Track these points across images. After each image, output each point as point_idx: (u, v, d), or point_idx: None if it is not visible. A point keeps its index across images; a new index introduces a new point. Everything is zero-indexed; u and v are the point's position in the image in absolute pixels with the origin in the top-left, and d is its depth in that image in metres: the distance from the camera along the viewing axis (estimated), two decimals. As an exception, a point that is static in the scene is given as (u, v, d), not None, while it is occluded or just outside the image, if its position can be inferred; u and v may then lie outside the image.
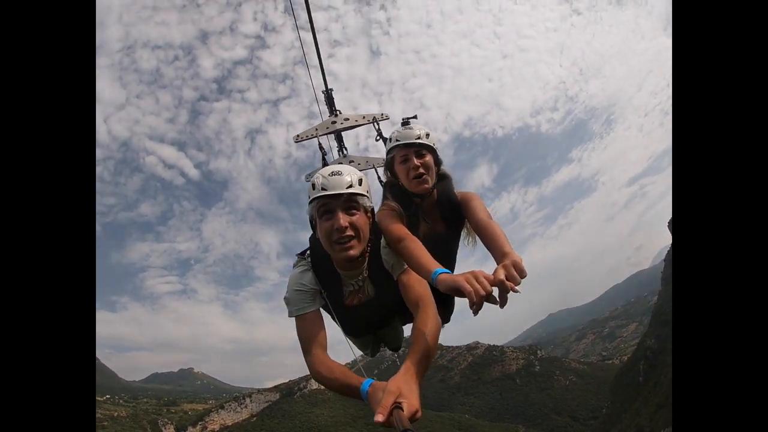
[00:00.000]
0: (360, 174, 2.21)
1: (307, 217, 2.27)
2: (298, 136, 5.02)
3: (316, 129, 5.02)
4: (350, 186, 2.10)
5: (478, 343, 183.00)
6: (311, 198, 2.14)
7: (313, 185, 2.13)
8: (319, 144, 4.87)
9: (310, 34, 4.86)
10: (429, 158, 2.74)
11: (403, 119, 2.98)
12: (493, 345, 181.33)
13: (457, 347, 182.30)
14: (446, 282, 1.79)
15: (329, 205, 2.09)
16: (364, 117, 4.96)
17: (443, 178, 2.86)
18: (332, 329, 2.42)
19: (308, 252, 2.41)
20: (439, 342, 3.15)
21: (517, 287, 1.68)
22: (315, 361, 2.10)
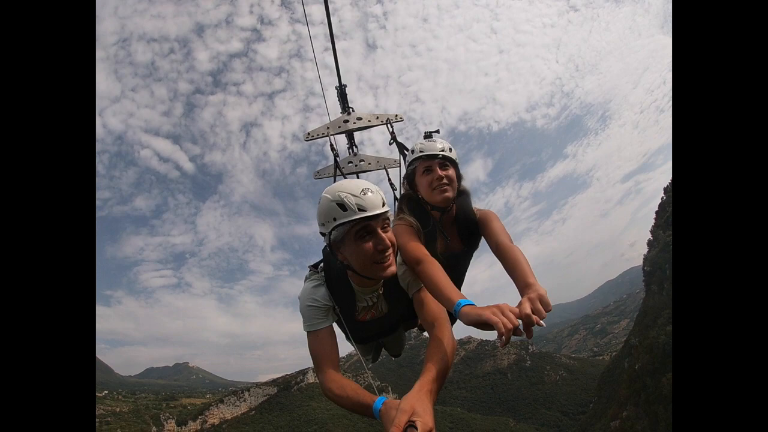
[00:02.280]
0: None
1: (324, 231, 2.12)
2: (309, 134, 4.87)
3: (328, 128, 4.83)
4: (383, 203, 2.05)
5: (471, 337, 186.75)
6: (344, 220, 1.99)
7: (343, 205, 1.98)
8: (331, 145, 4.53)
9: (307, 28, 4.90)
10: (452, 171, 2.72)
11: (425, 132, 2.94)
12: (486, 340, 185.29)
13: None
14: (470, 316, 1.75)
15: (369, 227, 2.01)
16: (377, 117, 4.78)
17: (462, 194, 2.82)
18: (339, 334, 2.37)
19: (321, 265, 2.37)
20: (421, 333, 3.28)
21: (542, 321, 1.70)
22: (327, 378, 2.07)
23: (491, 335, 1.64)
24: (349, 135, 5.22)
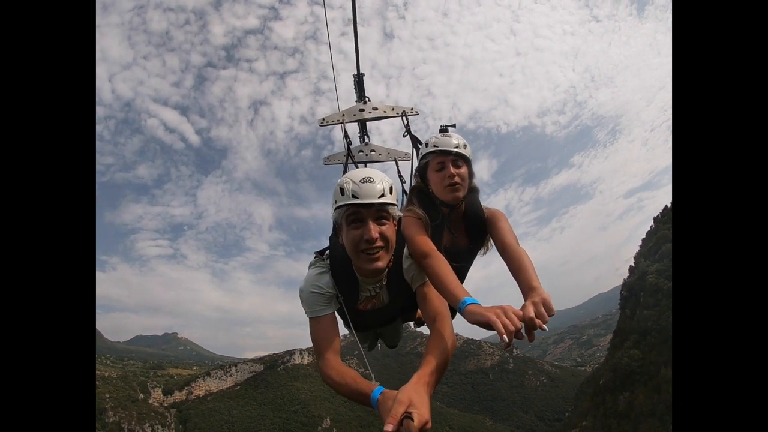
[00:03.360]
0: (390, 181, 2.12)
1: (331, 218, 2.21)
2: (323, 119, 4.84)
3: (343, 115, 4.80)
4: (382, 195, 2.02)
5: (457, 334, 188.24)
6: (339, 204, 2.06)
7: (342, 190, 2.05)
8: (344, 132, 4.51)
9: (327, 9, 4.78)
10: (465, 169, 2.71)
11: (441, 126, 2.91)
12: (471, 339, 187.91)
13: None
14: (474, 315, 1.77)
15: (359, 214, 2.02)
16: (393, 109, 4.75)
17: (472, 191, 2.81)
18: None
19: (327, 252, 2.37)
20: (419, 329, 3.56)
21: (544, 325, 1.71)
22: (327, 365, 2.07)
23: (477, 334, 1.97)
24: (362, 124, 5.18)
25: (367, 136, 5.30)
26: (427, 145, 2.83)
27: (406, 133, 4.22)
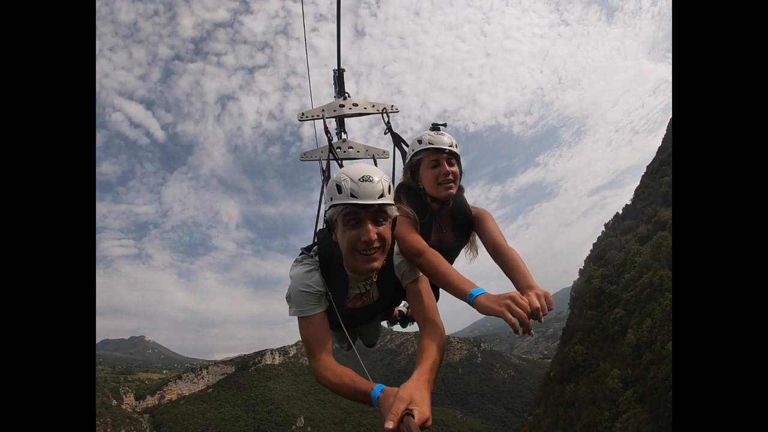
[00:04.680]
0: (389, 179, 2.05)
1: (323, 214, 2.14)
2: (303, 114, 4.72)
3: (323, 110, 4.68)
4: (381, 195, 1.96)
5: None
6: (336, 202, 1.97)
7: (338, 187, 1.96)
8: (325, 127, 4.37)
9: (298, 4, 4.64)
10: (456, 168, 2.74)
11: (433, 124, 2.93)
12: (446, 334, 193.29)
13: (405, 333, 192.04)
14: (485, 308, 1.83)
15: (357, 215, 1.95)
16: (373, 106, 4.67)
17: (459, 189, 2.86)
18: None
19: (314, 249, 2.29)
20: (390, 327, 3.79)
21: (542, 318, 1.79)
22: (321, 365, 2.02)
23: (446, 329, 1.96)
24: (340, 120, 5.11)
25: (345, 133, 5.26)
26: (420, 142, 2.83)
27: (386, 131, 4.12)
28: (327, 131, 4.37)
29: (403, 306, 3.53)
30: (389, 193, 2.02)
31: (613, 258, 68.51)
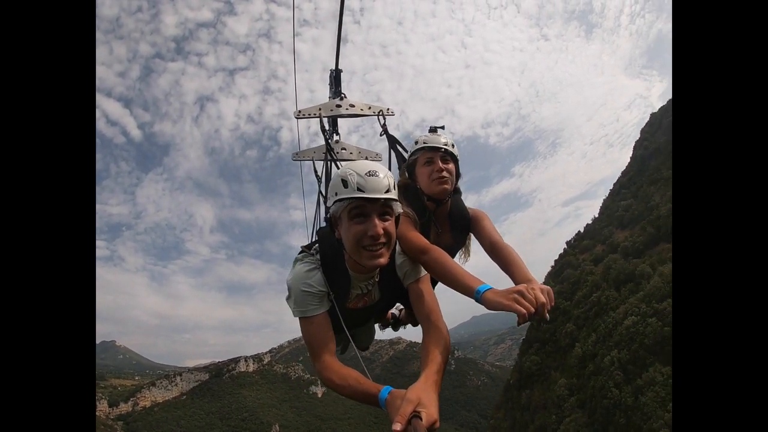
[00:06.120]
0: (393, 176, 2.05)
1: (328, 205, 2.09)
2: (300, 111, 4.68)
3: (320, 109, 4.66)
4: (388, 190, 1.95)
5: (401, 338, 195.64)
6: (342, 197, 1.95)
7: (344, 182, 1.95)
8: (322, 126, 4.38)
9: (282, 8, 5.55)
10: (452, 166, 2.77)
11: (431, 126, 2.98)
12: (415, 342, 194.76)
13: (380, 340, 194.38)
14: (493, 303, 1.83)
15: (364, 209, 1.94)
16: (370, 108, 4.67)
17: (456, 191, 2.89)
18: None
19: (314, 247, 2.25)
20: (382, 330, 3.74)
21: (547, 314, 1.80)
22: (325, 367, 2.01)
23: (420, 337, 1.95)
24: (334, 121, 5.12)
25: (338, 134, 5.22)
26: (417, 143, 2.88)
27: (382, 133, 4.03)
28: (324, 130, 4.37)
29: (395, 308, 3.67)
30: (394, 189, 2.01)
31: (569, 276, 73.07)
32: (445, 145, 2.78)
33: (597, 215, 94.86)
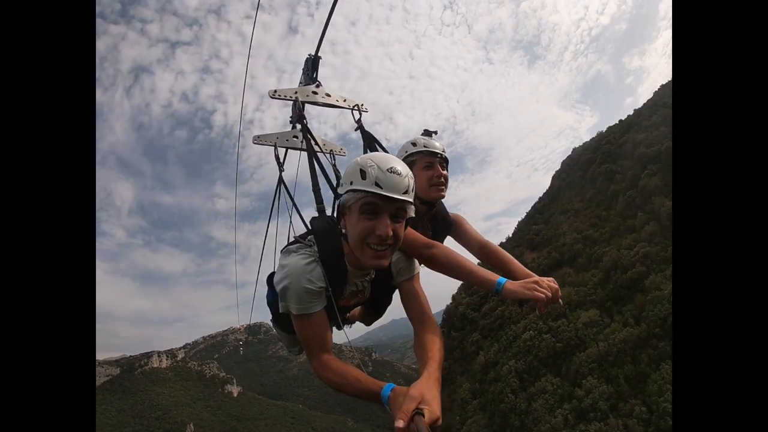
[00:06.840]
0: (414, 177, 1.96)
1: (340, 191, 1.98)
2: (275, 92, 4.34)
3: (296, 93, 4.37)
4: (406, 192, 1.86)
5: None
6: (357, 188, 1.84)
7: (363, 172, 1.84)
8: (298, 110, 4.09)
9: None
10: (447, 173, 2.82)
11: (425, 130, 3.01)
12: (333, 343, 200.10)
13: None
14: (513, 291, 1.95)
15: (377, 206, 1.83)
16: (345, 100, 4.47)
17: None
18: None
19: (309, 238, 2.11)
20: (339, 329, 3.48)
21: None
22: (323, 366, 1.96)
23: (339, 339, 2.08)
24: (303, 107, 4.54)
25: (305, 119, 4.61)
26: (414, 144, 2.87)
27: (357, 128, 3.81)
28: (301, 115, 3.97)
29: None
30: (412, 192, 1.92)
31: (478, 289, 79.65)
32: (443, 151, 2.86)
33: (511, 235, 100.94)
